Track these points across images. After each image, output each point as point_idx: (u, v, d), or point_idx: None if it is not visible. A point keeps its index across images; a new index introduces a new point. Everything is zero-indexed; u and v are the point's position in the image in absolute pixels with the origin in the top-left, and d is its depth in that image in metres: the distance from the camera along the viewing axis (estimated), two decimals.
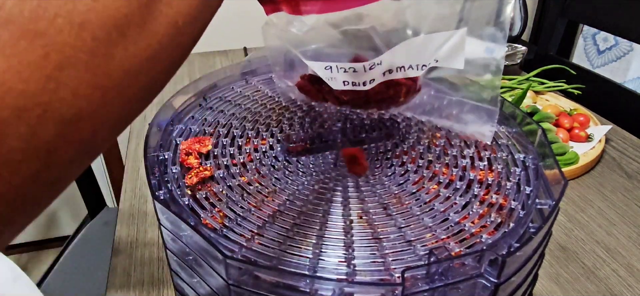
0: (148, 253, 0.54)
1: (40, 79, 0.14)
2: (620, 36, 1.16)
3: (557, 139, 0.69)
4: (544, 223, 0.28)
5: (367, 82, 0.36)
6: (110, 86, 0.16)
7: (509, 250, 0.27)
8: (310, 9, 0.35)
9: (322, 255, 0.28)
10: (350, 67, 0.36)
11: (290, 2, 0.35)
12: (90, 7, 0.15)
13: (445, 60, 0.36)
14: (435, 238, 0.29)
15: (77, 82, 0.15)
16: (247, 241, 0.29)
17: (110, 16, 0.16)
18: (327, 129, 0.41)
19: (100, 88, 0.16)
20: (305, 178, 0.36)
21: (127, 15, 0.16)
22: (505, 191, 0.34)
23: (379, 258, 0.28)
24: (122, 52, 0.17)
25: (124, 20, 0.16)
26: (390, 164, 0.37)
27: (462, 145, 0.39)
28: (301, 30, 0.35)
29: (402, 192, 0.34)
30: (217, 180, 0.35)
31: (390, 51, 0.37)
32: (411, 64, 0.36)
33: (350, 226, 0.31)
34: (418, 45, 0.36)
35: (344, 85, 0.37)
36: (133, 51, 0.17)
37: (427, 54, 0.36)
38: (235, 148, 0.38)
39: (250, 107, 0.45)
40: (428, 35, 0.36)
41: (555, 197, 0.31)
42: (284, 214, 0.32)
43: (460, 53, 0.35)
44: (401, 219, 0.31)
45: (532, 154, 0.37)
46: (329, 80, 0.37)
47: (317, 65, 0.37)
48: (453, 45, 0.35)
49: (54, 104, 0.15)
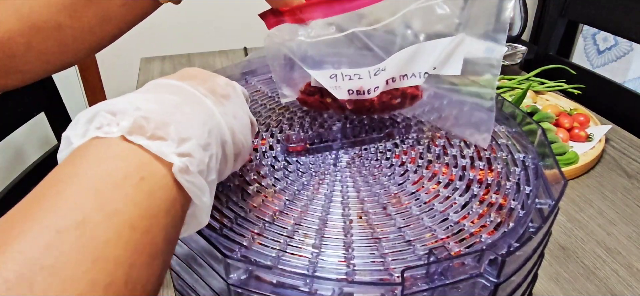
0: None
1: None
2: (620, 36, 1.16)
3: (557, 139, 0.69)
4: (544, 223, 0.28)
5: (371, 89, 0.36)
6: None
7: (509, 249, 0.27)
8: (313, 15, 0.35)
9: (322, 255, 0.28)
10: (355, 74, 0.36)
11: (293, 12, 0.35)
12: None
13: (443, 66, 0.36)
14: (434, 238, 0.29)
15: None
16: (247, 241, 0.29)
17: None
18: (327, 129, 0.41)
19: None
20: (305, 178, 0.36)
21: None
22: (505, 191, 0.34)
23: (379, 258, 0.28)
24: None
25: None
26: (390, 164, 0.37)
27: (462, 145, 0.39)
28: (309, 36, 0.36)
29: (401, 192, 0.34)
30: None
31: (392, 57, 0.37)
32: (413, 72, 0.36)
33: (350, 226, 0.31)
34: (419, 52, 0.36)
35: (348, 94, 0.37)
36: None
37: (429, 60, 0.36)
38: None
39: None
40: (429, 42, 0.37)
41: (555, 197, 0.31)
42: (284, 214, 0.32)
43: (459, 59, 0.35)
44: (401, 219, 0.31)
45: (532, 154, 0.37)
46: (333, 90, 0.36)
47: (321, 75, 0.37)
48: (452, 51, 0.35)
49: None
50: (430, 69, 0.36)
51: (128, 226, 0.18)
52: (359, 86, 0.36)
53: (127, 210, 0.18)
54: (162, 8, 0.41)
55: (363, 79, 0.36)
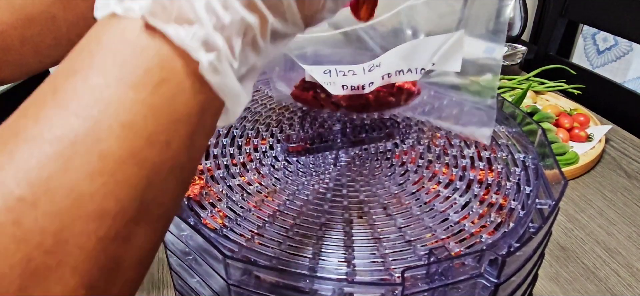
0: None
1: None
2: (620, 36, 1.16)
3: (557, 139, 0.69)
4: (544, 223, 0.28)
5: (366, 85, 0.36)
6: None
7: (509, 250, 0.27)
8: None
9: (322, 255, 0.28)
10: (349, 70, 0.36)
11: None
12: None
13: (443, 62, 0.36)
14: (435, 238, 0.29)
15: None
16: (247, 241, 0.29)
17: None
18: (327, 129, 0.41)
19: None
20: (305, 178, 0.36)
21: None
22: (505, 191, 0.34)
23: (379, 258, 0.28)
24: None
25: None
26: (390, 164, 0.37)
27: (462, 145, 0.39)
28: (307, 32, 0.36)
29: (402, 192, 0.34)
30: (217, 180, 0.35)
31: (388, 53, 0.37)
32: (410, 67, 0.36)
33: (350, 226, 0.31)
34: (416, 47, 0.36)
35: (343, 89, 0.37)
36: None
37: (426, 56, 0.36)
38: (235, 148, 0.38)
39: (250, 106, 0.45)
40: (426, 38, 0.36)
41: (555, 197, 0.31)
42: (284, 214, 0.32)
43: (458, 55, 0.35)
44: (401, 219, 0.31)
45: (532, 154, 0.37)
46: (328, 85, 0.36)
47: (315, 70, 0.37)
48: (451, 48, 0.35)
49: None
50: (427, 65, 0.36)
51: (145, 139, 0.15)
52: (353, 82, 0.36)
53: (144, 120, 0.15)
54: None
55: (357, 75, 0.36)
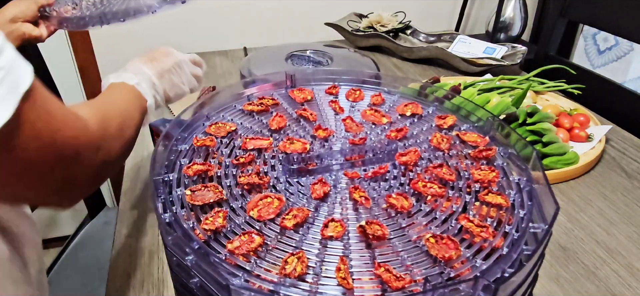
0: (148, 253, 0.54)
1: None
2: (620, 36, 1.16)
3: (557, 139, 0.69)
4: (538, 247, 0.29)
5: None
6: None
7: (503, 275, 0.28)
8: None
9: (322, 280, 0.29)
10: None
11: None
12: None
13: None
14: (430, 264, 0.30)
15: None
16: (250, 265, 0.29)
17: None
18: (327, 150, 0.41)
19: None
20: (306, 200, 0.36)
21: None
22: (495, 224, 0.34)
23: (377, 282, 0.29)
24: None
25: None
26: (388, 186, 0.38)
27: (460, 168, 0.39)
28: None
29: (399, 216, 0.34)
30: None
31: None
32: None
33: (349, 250, 0.31)
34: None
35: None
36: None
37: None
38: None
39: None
40: None
41: (549, 221, 0.31)
42: (286, 237, 0.32)
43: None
44: (399, 243, 0.32)
45: (527, 176, 0.37)
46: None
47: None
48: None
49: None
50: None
51: (133, 115, 0.45)
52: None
53: (133, 107, 0.45)
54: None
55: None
